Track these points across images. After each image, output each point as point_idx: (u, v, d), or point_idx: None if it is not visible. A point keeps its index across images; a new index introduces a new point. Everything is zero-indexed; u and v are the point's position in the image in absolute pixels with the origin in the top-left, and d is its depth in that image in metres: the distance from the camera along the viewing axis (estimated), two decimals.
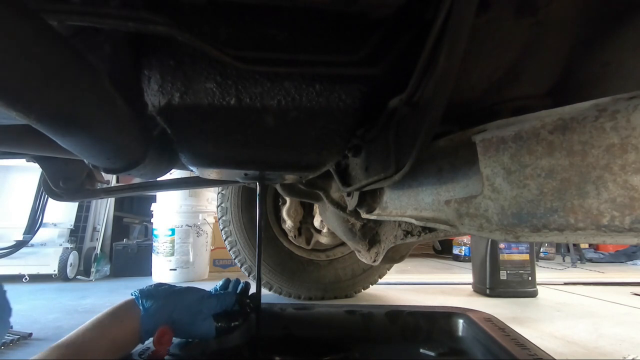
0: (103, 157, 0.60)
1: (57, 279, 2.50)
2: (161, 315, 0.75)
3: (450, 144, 0.52)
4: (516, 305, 1.96)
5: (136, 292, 0.77)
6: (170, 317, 0.77)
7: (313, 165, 0.74)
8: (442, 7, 0.42)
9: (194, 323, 0.79)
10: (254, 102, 0.63)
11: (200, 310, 0.80)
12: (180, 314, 0.77)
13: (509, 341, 0.85)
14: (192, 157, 0.70)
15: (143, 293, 0.77)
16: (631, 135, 0.32)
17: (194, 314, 0.78)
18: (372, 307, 1.14)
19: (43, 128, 0.45)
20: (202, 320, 0.79)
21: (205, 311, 0.80)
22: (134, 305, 0.75)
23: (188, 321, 0.78)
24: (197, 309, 0.79)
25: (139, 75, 0.63)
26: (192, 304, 0.79)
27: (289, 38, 0.61)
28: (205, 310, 0.80)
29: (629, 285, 2.57)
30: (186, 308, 0.78)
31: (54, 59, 0.38)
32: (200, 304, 0.81)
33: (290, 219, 1.85)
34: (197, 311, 0.79)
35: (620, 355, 1.22)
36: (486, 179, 0.43)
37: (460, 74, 0.56)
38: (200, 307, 0.80)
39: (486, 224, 0.44)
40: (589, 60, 0.58)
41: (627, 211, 0.32)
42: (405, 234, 0.88)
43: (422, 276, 2.91)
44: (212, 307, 0.81)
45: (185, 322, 0.78)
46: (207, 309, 0.80)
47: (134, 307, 0.75)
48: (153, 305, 0.75)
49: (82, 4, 0.52)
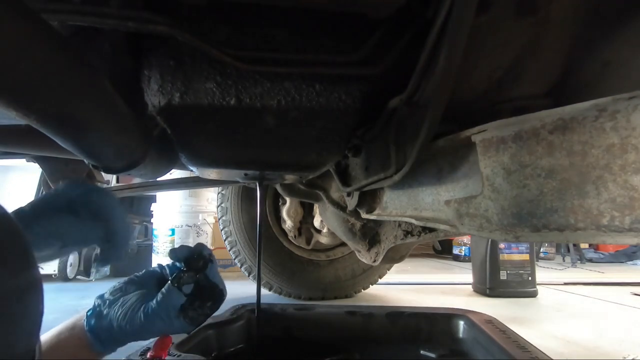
0: (103, 157, 0.60)
1: (57, 279, 2.50)
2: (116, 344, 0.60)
3: (450, 144, 0.52)
4: (516, 305, 1.96)
5: (89, 311, 0.60)
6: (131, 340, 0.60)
7: (313, 165, 0.74)
8: (442, 7, 0.42)
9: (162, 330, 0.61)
10: (254, 102, 0.63)
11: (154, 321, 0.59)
12: (142, 338, 0.61)
13: (510, 343, 0.85)
14: (192, 157, 0.70)
15: (93, 315, 0.60)
16: (631, 135, 0.32)
17: (154, 331, 0.61)
18: (372, 307, 1.14)
19: (43, 128, 0.45)
20: (167, 325, 0.60)
21: (164, 317, 0.59)
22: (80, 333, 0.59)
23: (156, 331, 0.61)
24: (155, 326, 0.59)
25: (139, 75, 0.63)
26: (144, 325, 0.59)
27: (289, 38, 0.61)
28: (165, 317, 0.59)
29: (629, 285, 2.56)
30: (144, 330, 0.60)
31: (53, 59, 0.38)
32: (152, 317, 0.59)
33: (290, 219, 1.85)
34: (155, 328, 0.60)
35: (620, 355, 1.22)
36: (486, 179, 0.43)
37: (460, 74, 0.56)
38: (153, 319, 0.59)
39: (486, 224, 0.44)
40: (589, 60, 0.58)
41: (627, 211, 0.32)
42: (405, 234, 0.88)
43: (422, 276, 2.91)
44: (165, 323, 0.60)
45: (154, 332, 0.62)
46: (159, 326, 0.59)
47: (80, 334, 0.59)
48: (102, 334, 0.58)
49: (82, 4, 0.52)
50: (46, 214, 0.51)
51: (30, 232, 0.48)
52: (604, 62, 0.57)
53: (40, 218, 0.50)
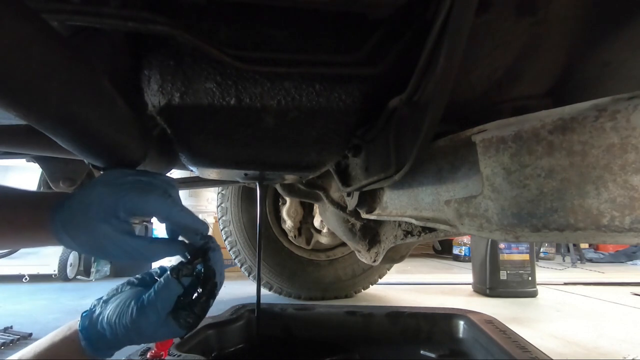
0: (103, 157, 0.60)
1: (57, 279, 2.50)
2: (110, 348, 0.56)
3: (450, 144, 0.52)
4: (516, 305, 1.96)
5: (84, 312, 0.57)
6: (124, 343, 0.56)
7: (313, 165, 0.74)
8: (442, 7, 0.42)
9: (154, 336, 0.56)
10: (254, 102, 0.63)
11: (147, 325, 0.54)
12: (132, 338, 0.55)
13: (510, 343, 0.85)
14: (192, 157, 0.70)
15: (87, 317, 0.56)
16: (631, 135, 0.32)
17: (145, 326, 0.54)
18: (372, 308, 1.14)
19: (43, 128, 0.45)
20: (158, 329, 0.54)
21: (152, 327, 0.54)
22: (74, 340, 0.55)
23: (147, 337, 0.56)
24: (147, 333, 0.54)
25: (139, 75, 0.63)
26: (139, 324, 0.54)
27: (288, 38, 0.61)
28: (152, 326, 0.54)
29: (629, 285, 2.57)
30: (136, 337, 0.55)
31: (54, 59, 0.38)
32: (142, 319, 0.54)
33: (290, 219, 1.86)
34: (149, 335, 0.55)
35: (620, 355, 1.22)
36: (486, 179, 0.43)
37: (460, 74, 0.56)
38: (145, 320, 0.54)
39: (486, 224, 0.44)
40: (589, 60, 0.58)
41: (627, 211, 0.32)
42: (405, 234, 0.88)
43: (422, 276, 2.91)
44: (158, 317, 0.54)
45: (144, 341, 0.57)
46: (150, 324, 0.54)
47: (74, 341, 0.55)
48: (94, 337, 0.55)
49: (82, 4, 0.52)
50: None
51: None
52: (604, 62, 0.57)
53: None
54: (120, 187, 0.50)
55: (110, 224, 0.48)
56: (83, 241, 0.48)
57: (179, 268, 0.57)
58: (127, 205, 0.49)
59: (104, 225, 0.47)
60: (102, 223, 0.47)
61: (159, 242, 0.54)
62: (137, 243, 0.50)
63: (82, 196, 0.49)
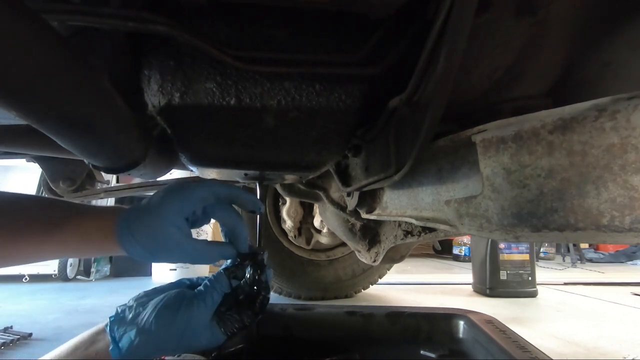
0: (103, 157, 0.60)
1: (57, 279, 2.50)
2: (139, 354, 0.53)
3: (450, 144, 0.52)
4: (516, 305, 1.96)
5: (112, 317, 0.55)
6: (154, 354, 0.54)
7: (313, 165, 0.74)
8: (442, 7, 0.42)
9: (191, 345, 0.55)
10: (254, 102, 0.63)
11: (193, 329, 0.54)
12: (166, 347, 0.54)
13: (510, 343, 0.85)
14: (192, 157, 0.70)
15: (116, 322, 0.54)
16: (631, 135, 0.32)
17: (188, 339, 0.54)
18: (372, 308, 1.14)
19: (43, 128, 0.45)
20: (199, 336, 0.55)
21: (197, 326, 0.54)
22: (103, 340, 0.54)
23: (185, 347, 0.55)
24: (189, 333, 0.54)
25: (139, 75, 0.63)
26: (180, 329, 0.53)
27: (289, 38, 0.61)
28: (198, 325, 0.54)
29: (629, 285, 2.57)
30: (175, 338, 0.53)
31: (54, 59, 0.38)
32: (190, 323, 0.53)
33: (290, 219, 1.85)
34: (190, 335, 0.54)
35: (620, 355, 1.22)
36: (486, 179, 0.43)
37: (460, 74, 0.56)
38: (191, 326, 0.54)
39: (486, 224, 0.44)
40: (589, 60, 0.58)
41: (627, 211, 0.32)
42: (405, 234, 0.88)
43: (422, 276, 2.91)
44: (206, 312, 0.55)
45: (182, 348, 0.55)
46: (198, 319, 0.54)
47: (103, 341, 0.54)
48: (126, 343, 0.53)
49: (82, 4, 0.52)
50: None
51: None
52: (604, 62, 0.57)
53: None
54: (191, 194, 0.53)
55: (178, 227, 0.51)
56: (149, 244, 0.50)
57: (232, 269, 0.60)
58: (197, 211, 0.54)
59: (172, 228, 0.50)
60: (171, 226, 0.50)
61: (214, 245, 0.57)
62: (197, 245, 0.53)
63: (150, 202, 0.52)
